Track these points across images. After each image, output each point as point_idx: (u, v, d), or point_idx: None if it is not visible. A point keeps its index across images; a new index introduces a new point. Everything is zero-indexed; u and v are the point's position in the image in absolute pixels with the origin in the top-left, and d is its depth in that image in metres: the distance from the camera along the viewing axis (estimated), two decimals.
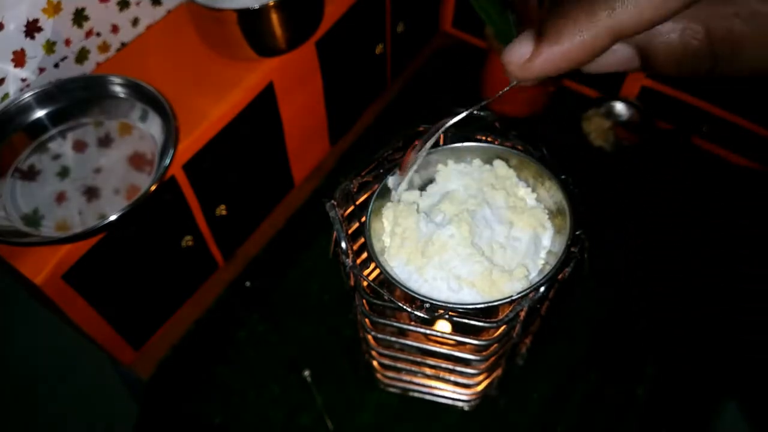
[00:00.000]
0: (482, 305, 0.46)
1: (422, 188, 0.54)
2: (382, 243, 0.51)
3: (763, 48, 0.22)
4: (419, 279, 0.48)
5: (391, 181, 0.51)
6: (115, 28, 0.70)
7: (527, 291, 0.45)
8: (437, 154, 0.54)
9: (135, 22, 0.72)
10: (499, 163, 0.53)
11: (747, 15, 0.22)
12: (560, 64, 0.24)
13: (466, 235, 0.49)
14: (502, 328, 0.50)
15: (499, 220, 0.51)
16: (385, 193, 0.52)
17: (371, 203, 0.51)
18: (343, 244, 0.49)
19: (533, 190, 0.53)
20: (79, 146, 0.62)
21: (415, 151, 0.46)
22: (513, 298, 0.45)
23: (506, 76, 0.28)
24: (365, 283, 0.50)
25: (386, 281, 0.49)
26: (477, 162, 0.54)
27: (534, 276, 0.47)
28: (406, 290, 0.46)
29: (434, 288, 0.47)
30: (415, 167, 0.49)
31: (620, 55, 0.25)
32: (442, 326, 0.57)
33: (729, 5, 0.22)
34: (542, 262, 0.49)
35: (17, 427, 0.56)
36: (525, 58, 0.25)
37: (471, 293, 0.47)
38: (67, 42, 0.66)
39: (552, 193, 0.51)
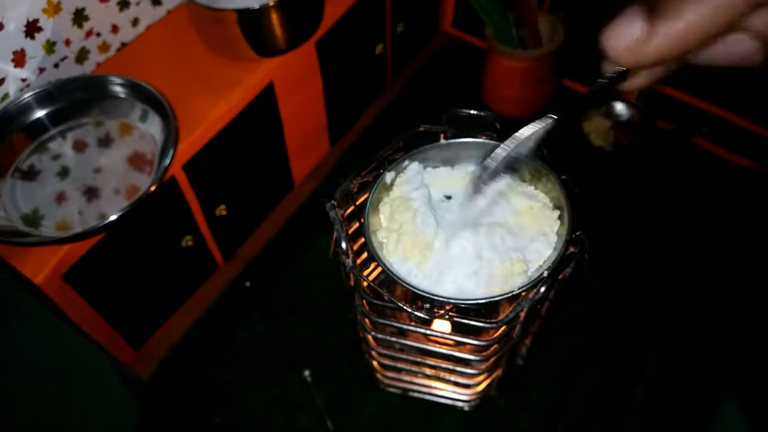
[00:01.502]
0: (483, 300, 0.46)
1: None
2: (378, 239, 0.51)
3: None
4: (419, 275, 0.48)
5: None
6: (115, 28, 0.70)
7: (527, 287, 0.45)
8: (435, 151, 0.54)
9: (135, 22, 0.72)
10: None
11: None
12: (683, 44, 0.20)
13: (469, 240, 0.49)
14: (503, 328, 0.50)
15: (505, 221, 0.51)
16: (382, 189, 0.52)
17: (369, 199, 0.51)
18: (343, 244, 0.49)
19: (535, 189, 0.53)
20: (79, 146, 0.62)
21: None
22: (514, 292, 0.45)
23: (610, 63, 0.23)
24: (365, 283, 0.50)
25: (386, 281, 0.49)
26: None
27: (534, 274, 0.47)
28: (407, 286, 0.46)
29: (435, 285, 0.47)
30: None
31: (745, 47, 0.21)
32: (442, 326, 0.57)
33: None
34: (544, 262, 0.49)
35: (16, 427, 0.56)
36: (636, 39, 0.21)
37: (471, 291, 0.47)
38: (67, 42, 0.66)
39: (552, 193, 0.51)
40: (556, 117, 0.35)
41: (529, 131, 0.37)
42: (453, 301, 0.45)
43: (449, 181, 0.55)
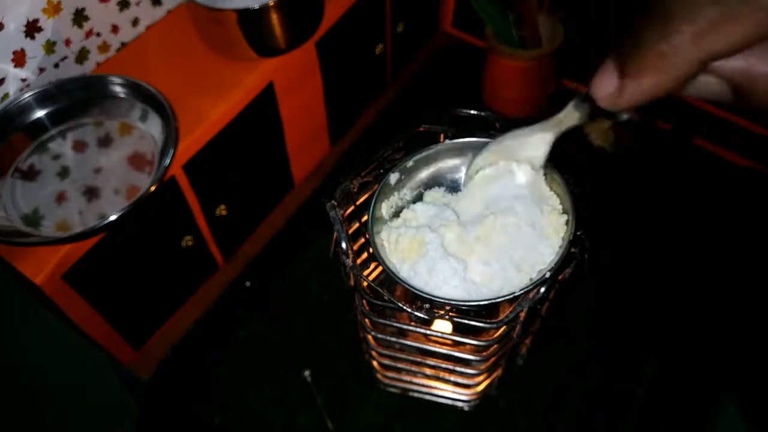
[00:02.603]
0: (484, 302, 0.46)
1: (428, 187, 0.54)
2: (379, 239, 0.51)
3: None
4: (418, 275, 0.48)
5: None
6: (115, 28, 0.70)
7: (527, 288, 0.45)
8: (440, 151, 0.54)
9: (135, 22, 0.72)
10: (520, 168, 0.53)
11: None
12: (648, 96, 0.24)
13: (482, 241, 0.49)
14: (503, 328, 0.50)
15: (514, 222, 0.51)
16: (385, 191, 0.52)
17: (373, 202, 0.51)
18: (344, 244, 0.49)
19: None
20: (79, 146, 0.62)
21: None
22: (515, 294, 0.45)
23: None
24: (365, 283, 0.50)
25: (386, 281, 0.49)
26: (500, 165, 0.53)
27: (536, 276, 0.47)
28: (407, 286, 0.46)
29: (434, 286, 0.47)
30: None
31: (711, 87, 0.24)
32: (442, 326, 0.57)
33: None
34: (546, 265, 0.48)
35: (16, 427, 0.56)
36: (612, 92, 0.25)
37: (470, 292, 0.47)
38: (67, 42, 0.66)
39: (560, 196, 0.51)
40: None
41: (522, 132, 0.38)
42: (452, 302, 0.45)
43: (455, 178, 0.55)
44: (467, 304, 0.46)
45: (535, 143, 0.45)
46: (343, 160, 0.94)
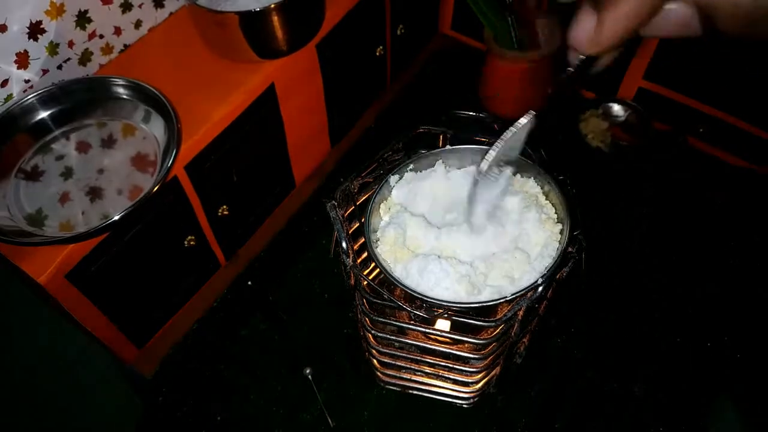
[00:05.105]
0: (478, 304, 0.46)
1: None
2: (378, 239, 0.52)
3: None
4: (415, 276, 0.49)
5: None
6: (117, 30, 0.71)
7: (520, 293, 0.46)
8: (438, 157, 0.55)
9: (137, 24, 0.73)
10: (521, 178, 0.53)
11: None
12: (625, 28, 0.24)
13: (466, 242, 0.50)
14: (501, 327, 0.51)
15: (512, 231, 0.51)
16: (384, 191, 0.53)
17: (371, 200, 0.52)
18: (344, 244, 0.50)
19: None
20: (83, 147, 0.63)
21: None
22: (507, 298, 0.46)
23: (574, 55, 0.27)
24: (365, 283, 0.51)
25: (386, 280, 0.49)
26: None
27: (529, 281, 0.48)
28: (402, 287, 0.47)
29: (428, 288, 0.48)
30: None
31: (681, 15, 0.25)
32: (442, 325, 0.58)
33: None
34: (546, 263, 0.49)
35: (21, 423, 0.56)
36: (591, 31, 0.25)
37: (464, 293, 0.48)
38: (71, 44, 0.66)
39: (554, 200, 0.52)
40: (536, 113, 0.38)
41: (514, 130, 0.39)
42: (445, 303, 0.46)
43: (451, 181, 0.55)
44: (459, 305, 0.47)
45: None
46: (343, 161, 0.95)
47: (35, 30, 0.62)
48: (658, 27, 0.25)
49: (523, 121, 0.39)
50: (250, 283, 0.83)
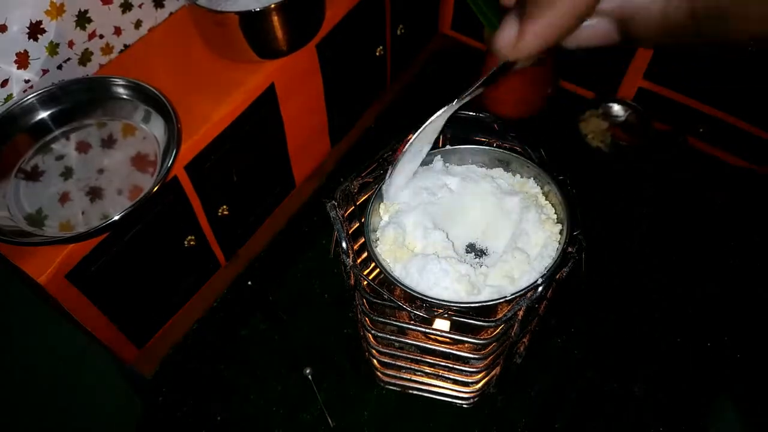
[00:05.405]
0: (478, 304, 0.46)
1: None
2: (377, 239, 0.52)
3: (746, 19, 0.22)
4: (409, 277, 0.48)
5: (384, 186, 0.51)
6: (117, 30, 0.71)
7: (519, 293, 0.46)
8: (438, 156, 0.55)
9: (137, 24, 0.73)
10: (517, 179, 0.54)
11: None
12: (546, 37, 0.25)
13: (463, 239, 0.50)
14: (501, 327, 0.51)
15: (512, 233, 0.51)
16: (382, 194, 0.53)
17: (371, 202, 0.52)
18: (344, 244, 0.50)
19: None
20: (83, 147, 0.63)
21: (402, 149, 0.46)
22: (507, 298, 0.46)
23: (496, 60, 0.29)
24: (365, 282, 0.51)
25: (386, 280, 0.49)
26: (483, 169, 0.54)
27: (528, 281, 0.48)
28: (402, 287, 0.47)
29: (427, 287, 0.48)
30: (401, 167, 0.49)
31: (599, 28, 0.26)
32: (442, 325, 0.58)
33: None
34: (546, 264, 0.49)
35: (21, 423, 0.56)
36: (513, 38, 0.26)
37: (464, 293, 0.48)
38: (71, 44, 0.66)
39: (553, 200, 0.52)
40: (456, 101, 0.40)
41: (433, 117, 0.41)
42: (445, 303, 0.46)
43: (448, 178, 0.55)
44: (459, 305, 0.47)
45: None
46: (343, 161, 0.95)
47: (35, 30, 0.62)
48: (577, 38, 0.26)
49: (447, 107, 0.40)
50: (250, 283, 0.83)
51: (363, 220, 0.52)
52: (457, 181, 0.53)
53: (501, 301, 0.46)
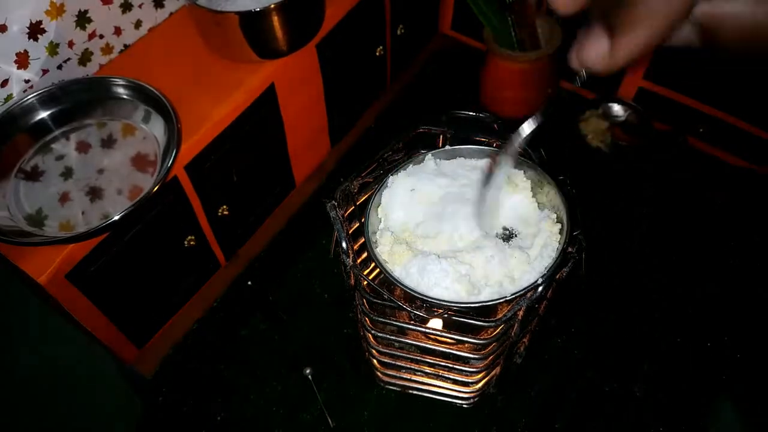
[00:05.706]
0: (478, 304, 0.46)
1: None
2: (377, 239, 0.52)
3: None
4: (409, 277, 0.49)
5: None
6: (118, 31, 0.71)
7: (518, 293, 0.46)
8: (429, 155, 0.55)
9: (137, 24, 0.73)
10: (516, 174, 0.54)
11: None
12: (642, 49, 0.25)
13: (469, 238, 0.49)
14: (501, 327, 0.51)
15: (512, 233, 0.52)
16: (384, 191, 0.53)
17: (370, 204, 0.52)
18: (344, 244, 0.50)
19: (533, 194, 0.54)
20: (83, 147, 0.63)
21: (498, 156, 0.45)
22: (507, 298, 0.46)
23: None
24: (365, 283, 0.51)
25: (386, 280, 0.49)
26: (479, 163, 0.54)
27: (528, 281, 0.48)
28: (402, 287, 0.47)
29: (428, 288, 0.48)
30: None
31: (682, 33, 0.25)
32: (441, 325, 0.58)
33: None
34: (546, 263, 0.49)
35: (21, 423, 0.57)
36: (605, 51, 0.26)
37: (464, 293, 0.48)
38: (71, 44, 0.66)
39: (553, 202, 0.52)
40: (543, 116, 0.39)
41: (529, 128, 0.40)
42: (445, 303, 0.46)
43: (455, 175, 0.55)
44: (459, 305, 0.47)
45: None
46: (343, 161, 0.95)
47: (35, 30, 0.62)
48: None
49: (530, 122, 0.40)
50: (250, 283, 0.83)
51: (363, 220, 0.52)
52: (449, 177, 0.53)
53: (501, 301, 0.46)
